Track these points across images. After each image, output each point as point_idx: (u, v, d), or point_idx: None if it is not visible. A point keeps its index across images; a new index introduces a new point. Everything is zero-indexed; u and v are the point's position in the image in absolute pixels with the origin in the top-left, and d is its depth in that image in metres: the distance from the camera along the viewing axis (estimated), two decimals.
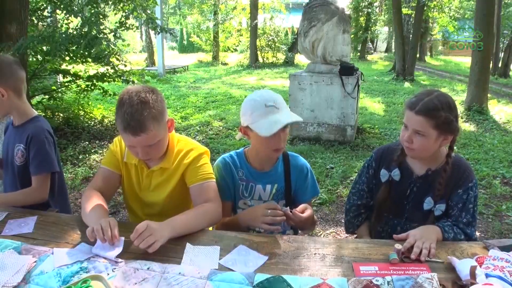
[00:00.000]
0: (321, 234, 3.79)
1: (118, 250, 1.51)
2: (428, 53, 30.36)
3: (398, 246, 1.49)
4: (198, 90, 12.59)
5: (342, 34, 6.73)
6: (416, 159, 1.89)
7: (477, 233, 3.69)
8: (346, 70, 6.40)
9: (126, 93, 1.71)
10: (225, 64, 22.06)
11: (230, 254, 1.53)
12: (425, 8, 16.94)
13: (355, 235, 2.19)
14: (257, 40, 20.62)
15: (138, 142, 1.71)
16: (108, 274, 1.40)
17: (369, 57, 27.55)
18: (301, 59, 20.62)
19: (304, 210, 1.79)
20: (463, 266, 1.36)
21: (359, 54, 26.32)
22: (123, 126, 1.67)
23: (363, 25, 26.02)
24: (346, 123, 6.49)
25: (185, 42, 31.30)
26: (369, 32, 25.81)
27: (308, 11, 6.83)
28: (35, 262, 1.50)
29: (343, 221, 3.93)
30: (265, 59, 21.19)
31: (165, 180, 1.94)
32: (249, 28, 21.11)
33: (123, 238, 1.55)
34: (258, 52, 20.95)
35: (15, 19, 5.70)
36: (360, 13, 25.74)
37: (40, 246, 1.60)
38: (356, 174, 4.88)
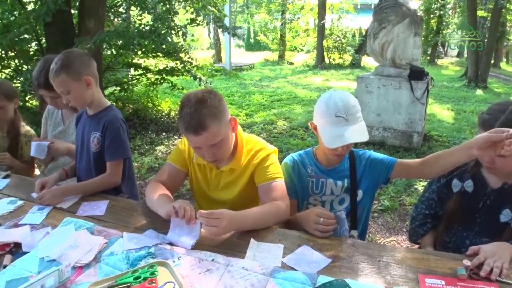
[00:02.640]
0: (381, 242, 3.69)
1: (195, 239, 1.56)
2: (504, 59, 28.70)
3: (467, 262, 1.41)
4: (263, 89, 12.64)
5: (413, 36, 6.51)
6: (498, 175, 1.80)
7: None
8: (416, 74, 6.19)
9: (185, 97, 1.76)
10: (291, 63, 22.00)
11: (293, 254, 1.52)
12: (503, 10, 16.00)
13: (418, 245, 2.12)
14: (324, 40, 20.39)
15: (201, 142, 1.74)
16: (173, 261, 1.44)
17: (439, 61, 26.46)
18: (368, 61, 20.17)
19: None
20: None
21: (428, 58, 25.32)
22: (184, 127, 1.71)
23: (434, 28, 25.01)
24: (413, 129, 6.28)
25: (251, 41, 31.56)
26: (440, 35, 24.74)
27: (378, 12, 6.66)
28: (106, 243, 1.58)
29: (404, 230, 3.84)
30: (331, 60, 20.91)
31: (234, 180, 1.97)
32: (316, 28, 20.93)
33: (199, 223, 1.58)
34: (325, 53, 20.72)
35: (94, 15, 6.03)
36: (431, 15, 24.77)
37: (111, 229, 1.69)
38: (421, 182, 4.73)
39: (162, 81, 7.95)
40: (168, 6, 7.13)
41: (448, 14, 26.88)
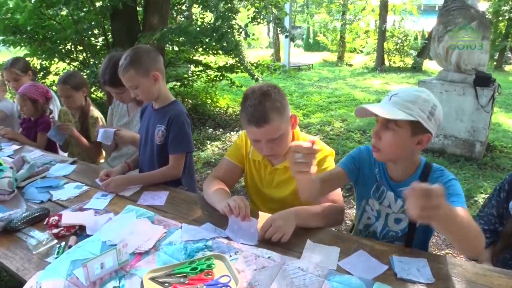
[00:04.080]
0: (435, 253, 3.55)
1: (255, 235, 1.57)
2: None
3: None
4: (321, 89, 12.52)
5: (481, 40, 6.22)
6: None
7: None
8: (482, 80, 5.89)
9: (249, 89, 1.79)
10: (350, 65, 21.64)
11: (349, 258, 1.49)
12: None
13: (475, 260, 2.00)
14: (385, 42, 19.91)
15: (262, 135, 1.75)
16: (230, 256, 1.45)
17: (506, 67, 25.12)
18: (429, 65, 19.49)
19: None
20: None
21: (495, 63, 24.11)
22: (247, 118, 1.73)
23: (503, 31, 23.74)
24: (476, 138, 5.99)
25: (311, 41, 31.35)
26: (510, 39, 23.44)
27: (444, 14, 6.40)
28: (165, 233, 1.62)
29: None
30: (391, 63, 20.38)
31: (288, 179, 1.96)
32: (377, 30, 20.48)
33: (256, 221, 1.60)
34: (385, 55, 20.22)
35: (158, 12, 6.23)
36: (500, 18, 23.52)
37: (170, 219, 1.73)
38: (481, 194, 4.50)
39: (221, 78, 8.07)
40: (229, 4, 7.22)
41: None
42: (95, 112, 3.15)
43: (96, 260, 1.33)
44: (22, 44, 6.61)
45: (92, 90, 6.93)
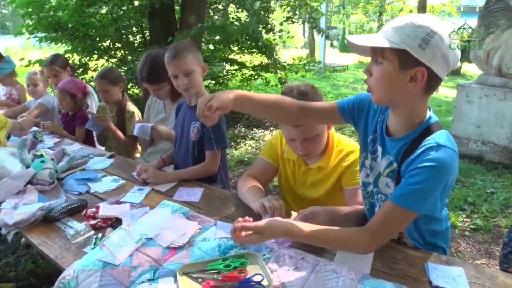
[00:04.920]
0: (470, 262, 3.44)
1: (288, 240, 1.55)
2: None
3: None
4: (356, 91, 12.32)
5: None
6: None
7: None
8: None
9: (287, 88, 1.80)
10: None
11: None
12: None
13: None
14: None
15: (297, 133, 1.75)
16: (263, 255, 1.45)
17: None
18: (468, 68, 18.96)
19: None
20: None
21: None
22: None
23: None
24: None
25: (346, 42, 31.10)
26: None
27: (486, 15, 6.20)
28: (199, 229, 1.63)
29: (497, 253, 3.55)
30: None
31: (322, 179, 1.95)
32: None
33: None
34: None
35: (195, 10, 6.31)
36: None
37: (205, 216, 1.74)
38: None
39: (256, 77, 8.08)
40: (265, 4, 7.25)
41: None
42: (131, 107, 3.21)
43: (109, 240, 1.44)
44: (63, 41, 6.81)
45: (128, 86, 7.07)
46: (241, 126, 7.16)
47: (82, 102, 3.34)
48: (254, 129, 7.12)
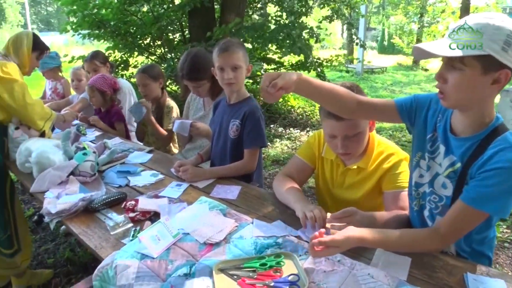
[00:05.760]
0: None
1: None
2: None
3: None
4: (394, 94, 12.13)
5: None
6: None
7: None
8: None
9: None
10: (426, 70, 20.78)
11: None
12: None
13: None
14: None
15: (340, 130, 1.72)
16: (299, 255, 1.43)
17: None
18: None
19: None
20: None
21: None
22: (327, 111, 1.69)
23: None
24: None
25: (385, 43, 30.52)
26: None
27: None
28: (236, 226, 1.63)
29: None
30: None
31: (361, 181, 1.90)
32: None
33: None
34: None
35: (234, 10, 6.38)
36: None
37: (242, 213, 1.74)
38: None
39: None
40: (303, 2, 7.22)
41: None
42: (170, 102, 3.26)
43: (147, 233, 1.47)
44: (105, 38, 6.98)
45: (167, 83, 7.18)
46: (277, 125, 7.16)
47: (113, 98, 3.40)
48: (291, 129, 7.10)
